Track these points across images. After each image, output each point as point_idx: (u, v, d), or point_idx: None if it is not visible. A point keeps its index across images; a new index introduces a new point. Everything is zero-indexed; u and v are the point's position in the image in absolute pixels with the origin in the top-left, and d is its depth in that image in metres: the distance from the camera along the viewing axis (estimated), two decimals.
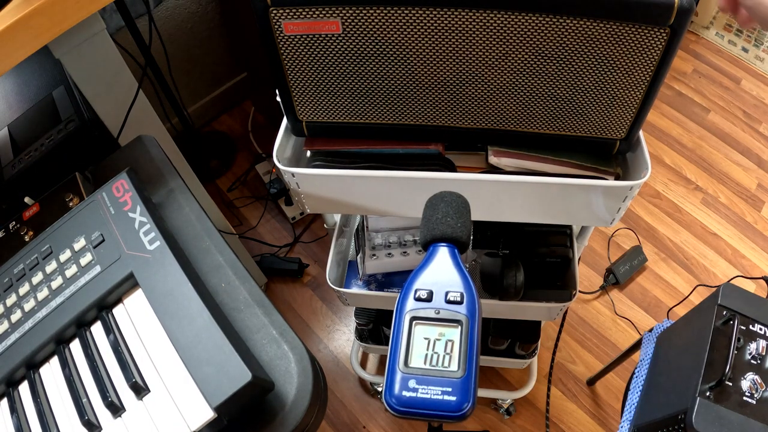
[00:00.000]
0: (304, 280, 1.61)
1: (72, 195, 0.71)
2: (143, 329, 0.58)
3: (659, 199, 1.74)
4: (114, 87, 0.93)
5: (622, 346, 1.47)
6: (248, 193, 1.79)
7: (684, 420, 0.69)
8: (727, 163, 1.82)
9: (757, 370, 0.71)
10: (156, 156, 0.77)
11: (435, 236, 0.47)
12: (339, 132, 0.71)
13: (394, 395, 0.40)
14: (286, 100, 0.68)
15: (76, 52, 0.84)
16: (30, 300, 0.61)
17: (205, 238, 0.66)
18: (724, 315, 0.75)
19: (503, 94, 0.63)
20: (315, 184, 0.71)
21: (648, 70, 0.58)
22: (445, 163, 0.74)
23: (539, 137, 0.67)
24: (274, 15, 0.58)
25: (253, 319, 0.59)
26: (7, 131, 0.90)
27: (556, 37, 0.56)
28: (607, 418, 1.36)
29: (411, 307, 0.43)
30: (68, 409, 0.56)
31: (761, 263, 1.60)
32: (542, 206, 0.70)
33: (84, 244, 0.63)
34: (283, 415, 0.54)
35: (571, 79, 0.60)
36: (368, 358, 1.47)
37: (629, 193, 0.65)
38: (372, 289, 0.99)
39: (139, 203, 0.64)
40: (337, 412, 1.39)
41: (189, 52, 1.71)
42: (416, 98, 0.65)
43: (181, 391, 0.53)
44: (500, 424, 1.36)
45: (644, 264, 1.59)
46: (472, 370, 0.40)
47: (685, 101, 1.98)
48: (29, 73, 0.99)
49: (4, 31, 0.64)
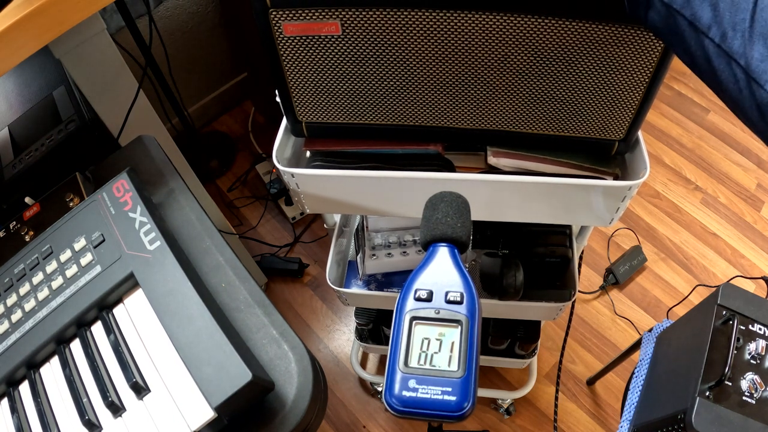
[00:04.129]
0: (304, 280, 1.61)
1: (72, 195, 0.71)
2: (143, 329, 0.58)
3: (659, 199, 1.74)
4: (114, 87, 0.93)
5: (621, 346, 1.47)
6: (248, 193, 1.79)
7: (684, 420, 0.69)
8: (726, 163, 1.82)
9: (756, 370, 0.71)
10: (156, 156, 0.77)
11: (435, 236, 0.47)
12: (338, 132, 0.71)
13: (394, 395, 0.40)
14: (285, 101, 0.68)
15: (77, 53, 0.84)
16: (30, 300, 0.61)
17: (205, 238, 0.66)
18: (724, 315, 0.75)
19: (503, 95, 0.63)
20: (315, 184, 0.71)
21: (647, 71, 0.58)
22: (444, 163, 0.74)
23: (538, 138, 0.67)
24: (274, 16, 0.58)
25: (253, 319, 0.60)
26: (7, 131, 0.90)
27: (554, 39, 0.56)
28: (606, 417, 1.36)
29: (411, 307, 0.43)
30: (69, 409, 0.56)
31: (761, 263, 1.60)
32: (541, 206, 0.70)
33: (84, 244, 0.63)
34: (283, 414, 0.54)
35: (569, 81, 0.60)
36: (368, 358, 1.47)
37: (628, 193, 0.65)
38: (372, 289, 0.99)
39: (139, 203, 0.64)
40: (337, 412, 1.39)
41: (189, 52, 1.71)
42: (416, 99, 0.65)
43: (182, 391, 0.53)
44: (500, 423, 1.36)
45: (644, 264, 1.59)
46: (472, 370, 0.40)
47: (684, 101, 1.98)
48: (30, 73, 0.99)
49: (5, 32, 0.64)
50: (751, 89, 0.36)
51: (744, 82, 0.36)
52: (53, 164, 0.83)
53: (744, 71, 0.36)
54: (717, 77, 0.39)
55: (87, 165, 0.80)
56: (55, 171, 0.81)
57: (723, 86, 0.38)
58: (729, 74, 0.37)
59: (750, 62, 0.36)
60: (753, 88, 0.36)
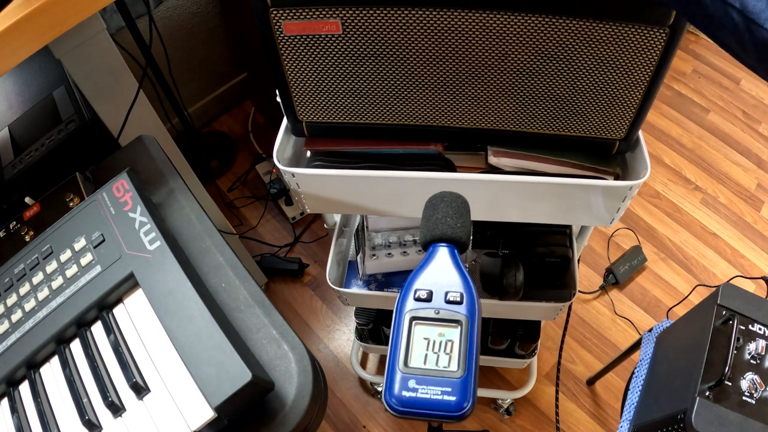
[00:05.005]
0: (304, 280, 1.61)
1: (72, 195, 0.71)
2: (143, 329, 0.58)
3: (659, 199, 1.74)
4: (114, 87, 0.93)
5: (621, 345, 1.47)
6: (248, 193, 1.79)
7: (683, 420, 0.69)
8: (726, 163, 1.82)
9: (756, 370, 0.71)
10: (156, 156, 0.77)
11: (435, 236, 0.47)
12: (339, 132, 0.71)
13: (394, 395, 0.40)
14: (286, 101, 0.68)
15: (77, 53, 0.84)
16: (30, 300, 0.61)
17: (205, 238, 0.66)
18: (724, 315, 0.75)
19: (503, 94, 0.63)
20: (315, 184, 0.71)
21: (647, 71, 0.58)
22: (444, 163, 0.74)
23: (539, 137, 0.67)
24: (274, 15, 0.58)
25: (253, 318, 0.60)
26: (7, 131, 0.90)
27: (555, 38, 0.56)
28: (606, 417, 1.36)
29: (411, 307, 0.43)
30: (69, 409, 0.56)
31: (760, 263, 1.60)
32: (542, 206, 0.70)
33: (84, 244, 0.63)
34: (283, 414, 0.54)
35: (570, 80, 0.60)
36: (368, 358, 1.47)
37: (629, 193, 0.65)
38: (372, 289, 0.99)
39: (139, 203, 0.64)
40: (337, 412, 1.39)
41: (189, 52, 1.71)
42: (416, 98, 0.65)
43: (182, 391, 0.53)
44: (500, 423, 1.36)
45: (644, 264, 1.59)
46: (471, 370, 0.40)
47: (684, 101, 1.98)
48: (30, 73, 0.99)
49: (5, 32, 0.64)
50: (750, 30, 0.37)
51: (743, 25, 0.37)
52: (53, 164, 0.83)
53: (741, 14, 0.37)
54: (714, 23, 0.39)
55: (87, 165, 0.80)
56: (55, 171, 0.81)
57: (721, 31, 0.39)
58: (727, 19, 0.38)
59: (746, 4, 0.36)
60: (752, 29, 0.37)
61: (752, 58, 0.38)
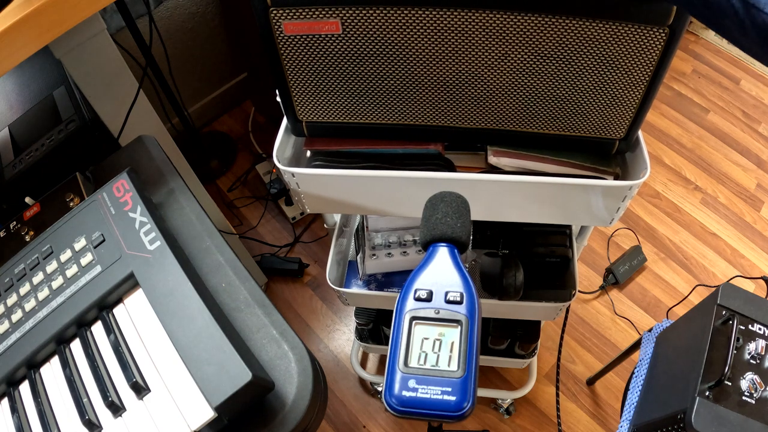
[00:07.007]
0: (305, 280, 1.61)
1: (72, 195, 0.71)
2: (144, 329, 0.58)
3: (659, 199, 1.74)
4: (114, 87, 0.93)
5: (621, 345, 1.47)
6: (248, 193, 1.79)
7: (683, 419, 0.69)
8: (726, 163, 1.82)
9: (756, 370, 0.71)
10: (156, 156, 0.77)
11: (435, 236, 0.47)
12: (339, 132, 0.71)
13: (394, 395, 0.40)
14: (286, 100, 0.68)
15: (77, 53, 0.84)
16: (31, 300, 0.61)
17: (205, 238, 0.66)
18: (724, 315, 0.75)
19: (503, 94, 0.63)
20: (315, 184, 0.71)
21: (647, 70, 0.58)
22: (444, 163, 0.74)
23: (538, 137, 0.67)
24: (274, 15, 0.58)
25: (253, 318, 0.60)
26: (7, 131, 0.90)
27: (555, 38, 0.56)
28: (606, 417, 1.36)
29: (411, 307, 0.43)
30: (69, 409, 0.56)
31: (760, 263, 1.60)
32: (542, 206, 0.70)
33: (84, 244, 0.63)
34: (283, 414, 0.54)
35: (570, 79, 0.60)
36: (368, 358, 1.47)
37: (628, 193, 0.65)
38: (372, 289, 0.99)
39: (139, 203, 0.64)
40: (337, 412, 1.39)
41: (189, 52, 1.71)
42: (416, 98, 0.65)
43: (182, 391, 0.53)
44: (500, 423, 1.36)
45: (644, 264, 1.59)
46: (471, 370, 0.40)
47: (684, 101, 1.98)
48: (30, 73, 0.99)
49: (5, 32, 0.64)
50: (751, 15, 0.37)
51: (743, 11, 0.37)
52: (53, 164, 0.83)
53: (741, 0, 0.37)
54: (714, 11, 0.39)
55: (87, 165, 0.80)
56: (56, 171, 0.81)
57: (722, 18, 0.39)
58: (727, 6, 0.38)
59: None
60: (753, 14, 0.37)
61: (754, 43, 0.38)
